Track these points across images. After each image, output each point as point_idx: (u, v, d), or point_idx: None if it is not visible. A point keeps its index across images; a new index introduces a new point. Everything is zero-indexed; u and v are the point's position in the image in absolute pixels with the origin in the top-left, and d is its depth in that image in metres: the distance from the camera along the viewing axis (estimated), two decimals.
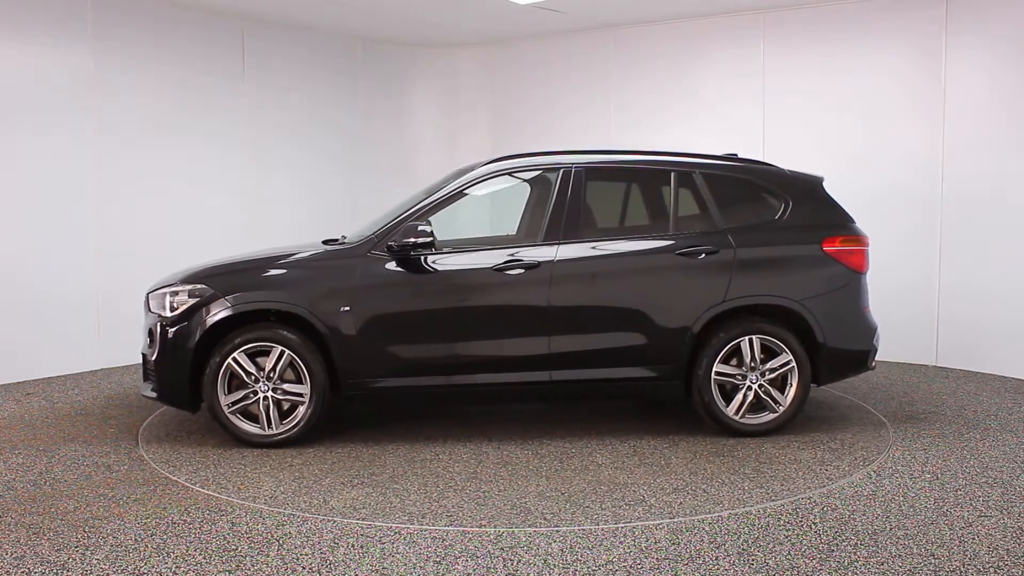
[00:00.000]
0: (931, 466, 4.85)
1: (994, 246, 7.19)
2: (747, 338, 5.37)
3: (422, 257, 5.32)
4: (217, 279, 5.30)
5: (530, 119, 9.69)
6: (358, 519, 4.08)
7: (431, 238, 5.24)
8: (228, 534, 3.90)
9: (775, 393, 5.40)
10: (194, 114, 8.18)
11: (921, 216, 7.57)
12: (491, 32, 9.45)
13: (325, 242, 5.72)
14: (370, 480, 4.66)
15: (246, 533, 3.91)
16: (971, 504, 4.24)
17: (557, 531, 3.93)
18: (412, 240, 5.23)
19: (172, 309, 5.26)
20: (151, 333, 5.37)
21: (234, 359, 5.17)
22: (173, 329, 5.22)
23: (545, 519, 4.07)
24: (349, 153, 9.57)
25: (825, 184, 5.80)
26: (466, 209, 6.09)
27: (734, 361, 5.40)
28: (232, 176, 8.53)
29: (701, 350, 5.37)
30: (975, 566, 3.53)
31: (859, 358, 5.61)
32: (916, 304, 7.63)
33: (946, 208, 7.47)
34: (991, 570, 3.50)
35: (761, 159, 6.55)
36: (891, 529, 3.93)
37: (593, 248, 5.41)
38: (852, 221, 5.68)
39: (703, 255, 5.40)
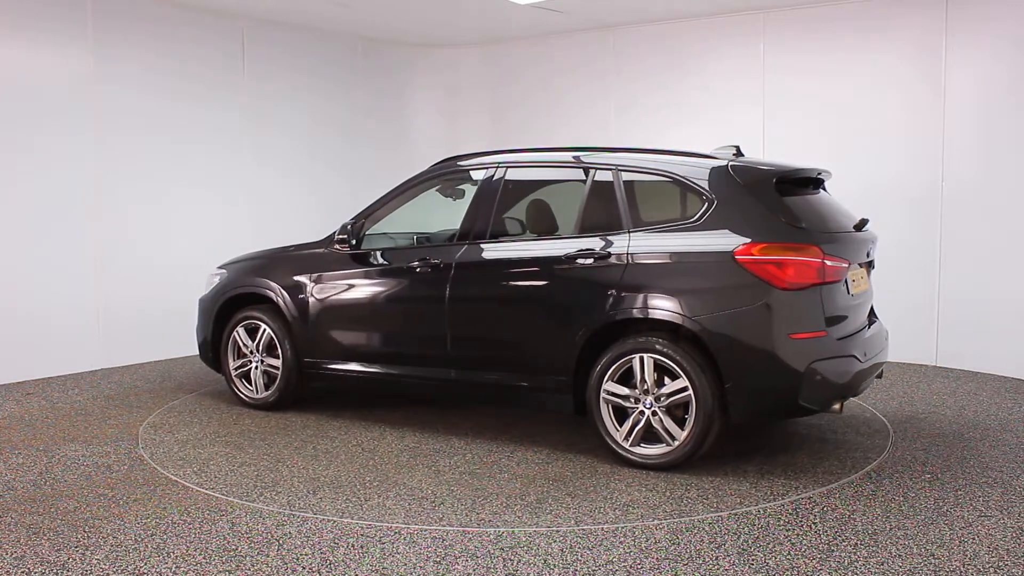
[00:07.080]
0: (931, 466, 4.84)
1: (994, 246, 7.19)
2: (638, 356, 4.69)
3: (372, 253, 5.77)
4: (232, 266, 6.41)
5: (530, 119, 9.69)
6: (359, 519, 4.09)
7: (345, 235, 5.74)
8: (228, 534, 3.90)
9: (668, 423, 4.66)
10: (194, 114, 8.18)
11: (921, 216, 7.57)
12: (491, 32, 9.45)
13: None
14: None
15: (246, 533, 3.92)
16: (971, 504, 4.24)
17: (557, 531, 3.93)
18: (343, 237, 5.78)
19: (208, 287, 6.43)
20: (199, 305, 6.49)
21: (236, 332, 6.17)
22: (206, 303, 6.38)
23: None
24: (349, 153, 9.56)
25: (814, 176, 5.04)
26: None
27: (635, 381, 4.74)
28: (232, 176, 8.53)
29: (593, 365, 4.86)
30: (975, 566, 3.53)
31: (781, 395, 4.53)
32: (916, 304, 7.63)
33: (946, 208, 7.47)
34: (991, 570, 3.50)
35: (698, 151, 5.44)
36: (891, 529, 3.93)
37: (486, 250, 5.32)
38: (799, 226, 4.61)
39: (590, 260, 4.88)
